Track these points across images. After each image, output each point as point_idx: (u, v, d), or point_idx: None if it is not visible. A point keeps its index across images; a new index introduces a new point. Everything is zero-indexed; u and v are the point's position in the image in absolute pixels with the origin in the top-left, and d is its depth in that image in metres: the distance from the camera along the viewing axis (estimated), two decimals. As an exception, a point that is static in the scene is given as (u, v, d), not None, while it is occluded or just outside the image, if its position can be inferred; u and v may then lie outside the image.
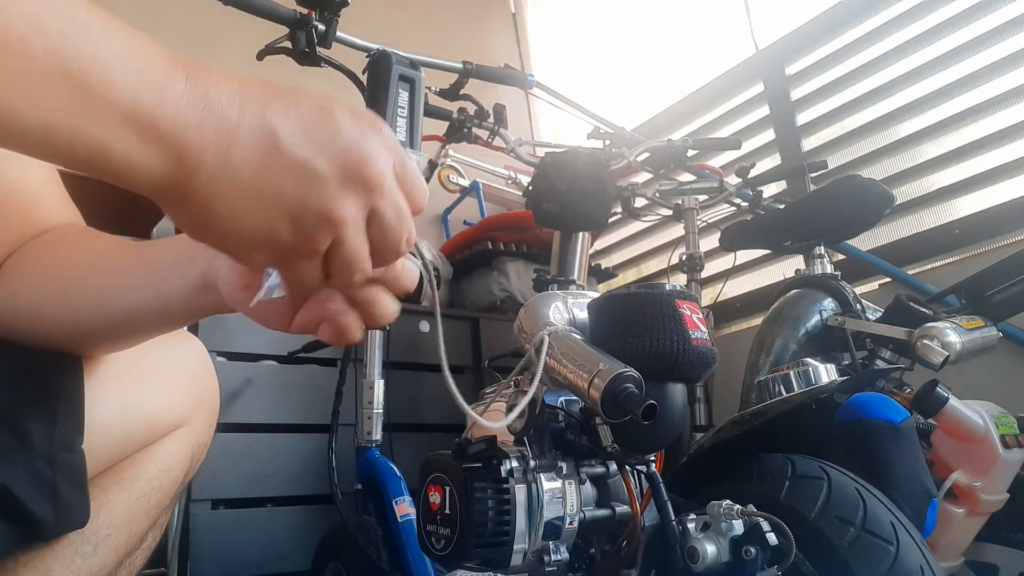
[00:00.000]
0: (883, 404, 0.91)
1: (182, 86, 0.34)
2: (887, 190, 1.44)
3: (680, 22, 2.82)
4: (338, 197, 0.37)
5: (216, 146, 0.35)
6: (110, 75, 0.32)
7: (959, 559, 1.12)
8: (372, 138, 0.39)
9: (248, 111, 0.36)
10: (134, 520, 0.62)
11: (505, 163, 2.57)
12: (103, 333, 0.57)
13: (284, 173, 0.36)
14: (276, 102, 0.37)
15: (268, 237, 0.37)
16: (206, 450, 0.74)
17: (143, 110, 0.33)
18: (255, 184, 0.36)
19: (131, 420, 0.62)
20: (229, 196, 0.36)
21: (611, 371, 0.65)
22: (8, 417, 0.50)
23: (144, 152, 0.33)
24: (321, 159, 0.37)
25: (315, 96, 0.38)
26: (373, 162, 0.38)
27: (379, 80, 1.15)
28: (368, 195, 0.38)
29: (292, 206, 0.37)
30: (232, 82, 0.36)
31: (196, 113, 0.34)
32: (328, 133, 0.37)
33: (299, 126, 0.37)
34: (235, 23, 1.37)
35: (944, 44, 1.94)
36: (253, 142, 0.36)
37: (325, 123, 0.38)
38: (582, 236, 1.48)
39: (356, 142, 0.38)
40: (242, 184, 0.36)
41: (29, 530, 0.51)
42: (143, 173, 0.34)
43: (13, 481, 0.49)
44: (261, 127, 0.36)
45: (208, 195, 0.35)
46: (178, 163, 0.34)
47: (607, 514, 0.75)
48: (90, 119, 0.32)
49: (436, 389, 1.94)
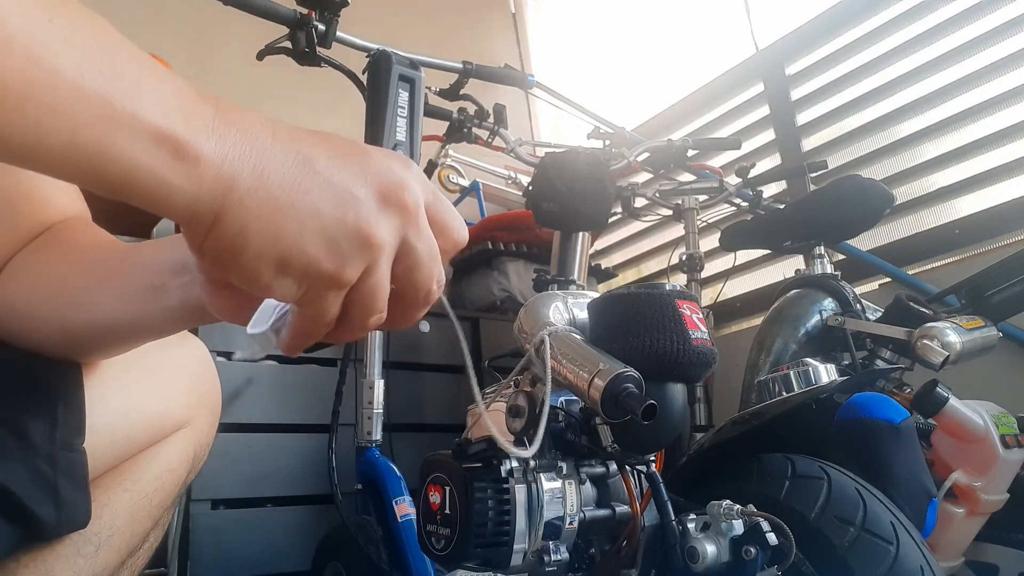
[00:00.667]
0: (883, 404, 0.91)
1: (213, 111, 0.34)
2: (887, 190, 1.44)
3: (680, 22, 2.82)
4: (375, 219, 0.37)
5: (252, 165, 0.34)
6: (140, 93, 0.32)
7: (959, 559, 1.12)
8: (406, 169, 0.39)
9: (281, 138, 0.36)
10: (136, 521, 0.62)
11: (505, 163, 2.57)
12: (93, 339, 0.56)
13: (321, 193, 0.36)
14: (307, 136, 0.37)
15: (302, 261, 0.36)
16: (208, 450, 0.74)
17: (176, 128, 0.33)
18: (292, 202, 0.35)
19: (133, 421, 0.62)
20: (264, 214, 0.35)
21: (611, 371, 0.65)
22: (8, 417, 0.50)
23: (177, 171, 0.33)
24: (357, 181, 0.37)
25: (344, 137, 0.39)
26: (409, 188, 0.38)
27: (379, 80, 1.16)
28: (403, 221, 0.38)
29: (329, 227, 0.36)
30: (262, 117, 0.36)
31: (230, 134, 0.34)
32: (362, 161, 0.38)
33: (333, 153, 0.37)
34: (235, 23, 1.37)
35: (944, 44, 1.94)
36: (289, 163, 0.35)
37: (358, 153, 0.38)
38: (582, 236, 1.48)
39: (390, 169, 0.38)
40: (278, 202, 0.35)
41: (30, 530, 0.51)
42: (177, 194, 0.33)
43: (14, 481, 0.49)
44: (297, 151, 0.36)
45: (243, 214, 0.34)
46: (213, 182, 0.34)
47: (607, 514, 0.75)
48: (120, 137, 0.32)
49: (436, 389, 1.94)
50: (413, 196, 0.38)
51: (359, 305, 0.39)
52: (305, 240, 0.36)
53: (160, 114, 0.32)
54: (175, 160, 0.33)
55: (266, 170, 0.35)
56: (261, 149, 0.35)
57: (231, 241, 0.35)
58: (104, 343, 0.57)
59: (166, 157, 0.33)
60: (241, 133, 0.35)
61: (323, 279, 0.37)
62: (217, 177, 0.34)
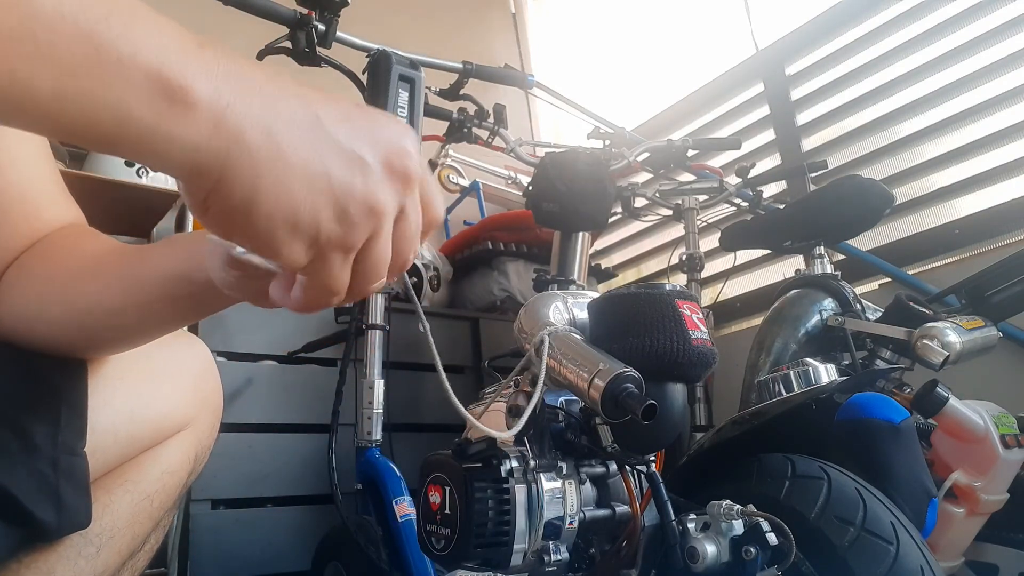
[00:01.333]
0: (883, 404, 0.91)
1: (215, 55, 0.32)
2: (887, 190, 1.44)
3: (680, 22, 2.82)
4: (382, 186, 0.36)
5: (259, 118, 0.33)
6: (130, 33, 0.30)
7: (959, 559, 1.12)
8: (409, 137, 0.38)
9: (289, 93, 0.34)
10: (137, 522, 0.62)
11: (505, 163, 2.57)
12: (106, 336, 0.57)
13: (332, 155, 0.35)
14: (315, 93, 0.36)
15: (312, 222, 0.35)
16: (209, 452, 0.74)
17: (173, 72, 0.30)
18: (303, 160, 0.34)
19: (136, 422, 0.62)
20: (274, 172, 0.33)
21: (611, 371, 0.65)
22: (11, 420, 0.51)
23: (176, 120, 0.31)
24: (365, 146, 0.36)
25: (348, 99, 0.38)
26: (412, 157, 0.38)
27: (379, 80, 1.16)
28: (405, 190, 0.38)
29: (339, 189, 0.35)
30: (268, 69, 0.35)
31: (234, 82, 0.32)
32: (369, 124, 0.37)
33: (340, 114, 0.36)
34: (235, 23, 1.37)
35: (944, 44, 1.94)
36: (298, 120, 0.34)
37: (365, 116, 0.37)
38: (582, 236, 1.48)
39: (397, 135, 0.37)
40: (288, 159, 0.33)
41: (31, 531, 0.51)
42: (176, 145, 0.31)
43: (15, 483, 0.49)
44: (307, 109, 0.35)
45: (251, 170, 0.33)
46: (215, 132, 0.32)
47: (607, 514, 0.75)
48: (113, 82, 0.29)
49: (436, 389, 1.93)
50: (415, 166, 0.38)
51: (364, 270, 0.38)
52: (318, 203, 0.34)
53: (153, 55, 0.30)
54: (172, 109, 0.30)
55: (275, 125, 0.33)
56: (269, 102, 0.33)
57: (240, 200, 0.33)
58: (125, 337, 0.58)
59: (162, 104, 0.30)
60: (246, 83, 0.33)
61: (333, 243, 0.36)
62: (219, 127, 0.32)
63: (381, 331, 1.42)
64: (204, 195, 0.34)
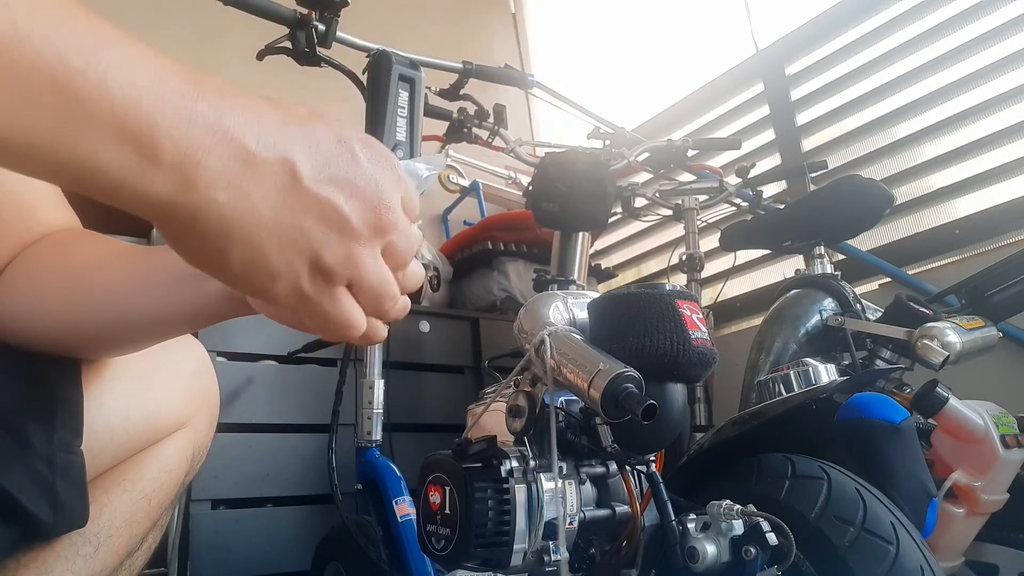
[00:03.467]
0: (883, 404, 0.91)
1: (191, 104, 0.31)
2: (887, 190, 1.44)
3: (680, 22, 2.82)
4: (359, 237, 0.36)
5: (231, 173, 0.32)
6: (104, 86, 0.29)
7: (959, 559, 1.12)
8: (388, 176, 0.38)
9: (265, 141, 0.34)
10: (135, 521, 0.62)
11: (505, 163, 2.57)
12: (112, 337, 0.56)
13: (305, 210, 0.35)
14: (295, 133, 0.35)
15: (289, 272, 0.35)
16: (206, 451, 0.74)
17: (141, 126, 0.30)
18: (275, 217, 0.34)
19: (132, 421, 0.62)
20: (246, 229, 0.33)
21: (611, 371, 0.65)
22: (7, 419, 0.50)
23: (144, 172, 0.31)
24: (342, 198, 0.36)
25: (332, 124, 0.37)
26: (392, 207, 0.38)
27: (379, 80, 1.15)
28: (385, 237, 0.38)
29: (315, 243, 0.35)
30: (249, 107, 0.34)
31: (207, 136, 0.32)
32: (348, 171, 0.36)
33: (319, 161, 0.35)
34: (235, 23, 1.37)
35: (944, 44, 1.94)
36: (272, 174, 0.34)
37: (344, 159, 0.36)
38: (582, 236, 1.48)
39: (376, 182, 0.37)
40: (260, 218, 0.34)
41: (28, 530, 0.51)
42: (143, 195, 0.31)
43: (11, 482, 0.49)
44: (281, 160, 0.34)
45: (220, 225, 0.33)
46: (184, 187, 0.32)
47: (607, 514, 0.75)
48: (81, 133, 0.29)
49: (436, 389, 1.94)
50: (396, 212, 0.38)
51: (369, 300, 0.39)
52: (291, 258, 0.35)
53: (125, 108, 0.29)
54: (140, 161, 0.30)
55: (246, 183, 0.33)
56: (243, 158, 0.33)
57: (214, 249, 0.34)
58: (129, 339, 0.57)
59: (130, 157, 0.30)
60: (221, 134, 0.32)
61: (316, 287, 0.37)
62: (188, 184, 0.32)
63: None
64: (176, 237, 0.34)
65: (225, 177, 0.32)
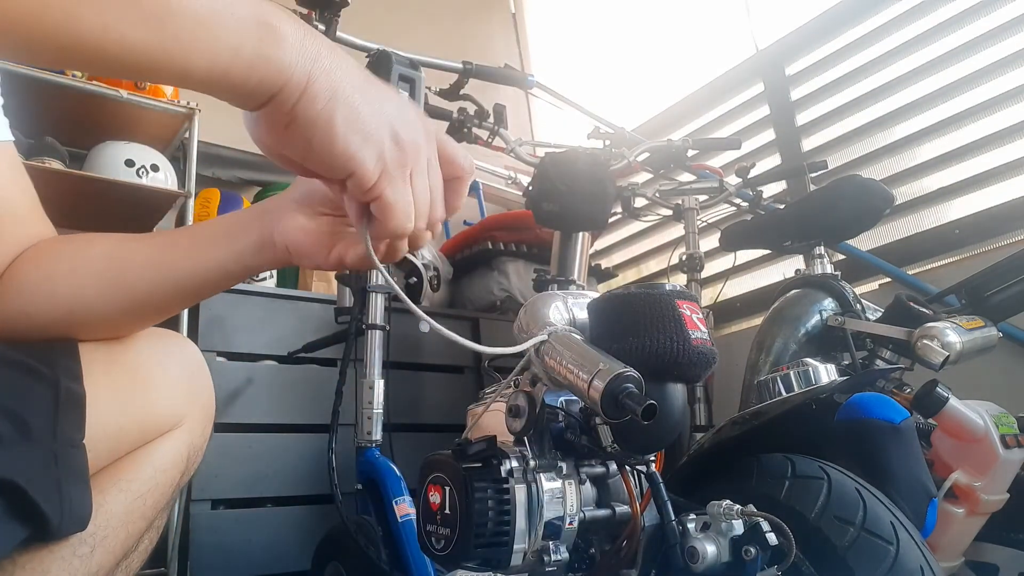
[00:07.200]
0: (883, 404, 0.91)
1: (287, 13, 0.44)
2: (887, 190, 1.44)
3: (680, 22, 2.82)
4: (419, 133, 0.48)
5: (327, 49, 0.44)
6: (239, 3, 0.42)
7: (959, 559, 1.12)
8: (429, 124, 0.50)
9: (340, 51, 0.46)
10: (131, 521, 0.62)
11: (505, 163, 2.57)
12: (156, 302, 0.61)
13: (383, 97, 0.47)
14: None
15: (377, 137, 0.45)
16: (202, 452, 0.73)
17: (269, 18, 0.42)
18: (364, 89, 0.45)
19: (127, 417, 0.62)
20: (345, 90, 0.44)
21: (611, 371, 0.65)
22: (10, 411, 0.50)
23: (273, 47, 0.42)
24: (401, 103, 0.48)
25: None
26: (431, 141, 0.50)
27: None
28: (428, 142, 0.49)
29: (392, 122, 0.46)
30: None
31: (304, 29, 0.44)
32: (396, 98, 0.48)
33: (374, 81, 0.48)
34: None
35: (944, 44, 1.94)
36: (353, 65, 0.46)
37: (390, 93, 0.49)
38: (582, 236, 1.48)
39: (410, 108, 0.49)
40: (354, 81, 0.45)
41: (35, 528, 0.51)
42: (273, 65, 0.42)
43: (18, 474, 0.49)
44: (356, 64, 0.46)
45: (329, 84, 0.43)
46: (300, 55, 0.43)
47: (607, 514, 0.75)
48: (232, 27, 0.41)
49: (436, 389, 1.94)
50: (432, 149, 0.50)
51: (419, 199, 0.48)
52: (380, 124, 0.46)
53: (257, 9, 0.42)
54: (270, 36, 0.42)
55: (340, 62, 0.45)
56: (331, 47, 0.45)
57: (322, 108, 0.43)
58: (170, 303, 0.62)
59: (264, 36, 0.42)
60: (312, 31, 0.45)
61: (395, 160, 0.46)
62: (302, 52, 0.43)
63: (381, 331, 1.42)
64: (291, 108, 0.43)
65: (324, 51, 0.44)
